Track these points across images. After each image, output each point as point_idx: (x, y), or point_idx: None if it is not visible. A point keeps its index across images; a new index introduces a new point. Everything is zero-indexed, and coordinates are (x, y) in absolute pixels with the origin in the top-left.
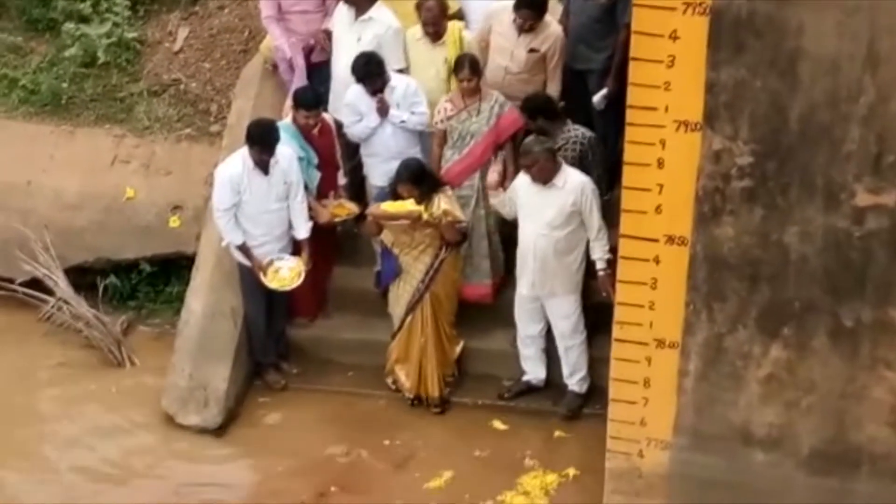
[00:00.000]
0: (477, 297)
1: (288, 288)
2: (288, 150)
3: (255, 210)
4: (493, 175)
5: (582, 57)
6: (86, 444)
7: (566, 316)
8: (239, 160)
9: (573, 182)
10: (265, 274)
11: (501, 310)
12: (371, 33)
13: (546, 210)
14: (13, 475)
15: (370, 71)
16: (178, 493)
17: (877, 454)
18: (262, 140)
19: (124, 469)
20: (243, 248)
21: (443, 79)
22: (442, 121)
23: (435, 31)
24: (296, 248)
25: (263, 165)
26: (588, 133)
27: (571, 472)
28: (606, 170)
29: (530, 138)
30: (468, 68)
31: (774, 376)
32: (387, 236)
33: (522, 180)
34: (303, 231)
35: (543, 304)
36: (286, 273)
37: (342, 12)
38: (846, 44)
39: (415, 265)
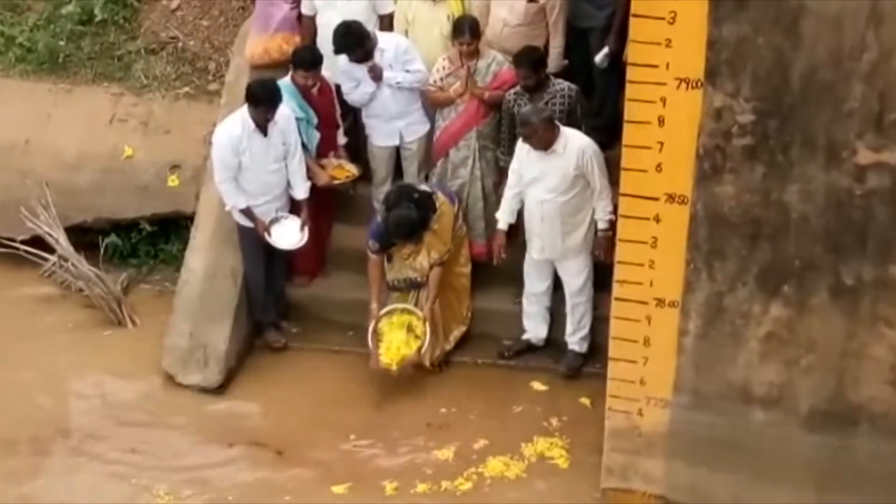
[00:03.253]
0: (473, 255)
1: (294, 246)
2: (285, 110)
3: (254, 171)
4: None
5: (584, 14)
6: (87, 402)
7: (576, 274)
8: (238, 121)
9: (573, 145)
10: (269, 234)
11: (502, 270)
12: None
13: (549, 176)
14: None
15: (348, 42)
16: (179, 451)
17: (876, 412)
18: (265, 99)
19: (125, 427)
20: (246, 211)
21: (446, 36)
22: (441, 78)
23: None
24: (294, 207)
25: (263, 126)
26: (573, 86)
27: (562, 461)
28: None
29: (528, 108)
30: (469, 33)
31: (774, 335)
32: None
33: (523, 148)
34: (301, 191)
35: (554, 263)
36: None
37: None
38: (850, 0)
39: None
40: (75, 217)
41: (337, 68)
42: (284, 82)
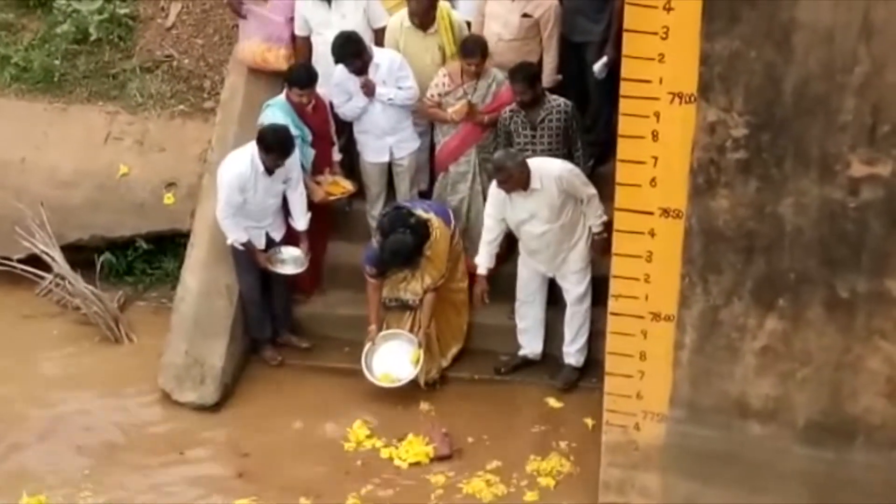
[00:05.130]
0: (473, 270)
1: (292, 273)
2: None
3: (254, 207)
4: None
5: (580, 29)
6: (84, 420)
7: (578, 283)
8: (247, 161)
9: (549, 176)
10: (271, 265)
11: (498, 285)
12: (352, 4)
13: (540, 212)
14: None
15: (348, 52)
16: (174, 469)
17: (872, 425)
18: (278, 148)
19: (122, 445)
20: (247, 246)
21: (438, 64)
22: (440, 94)
23: (422, 22)
24: (290, 233)
25: (272, 170)
26: (568, 102)
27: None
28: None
29: (501, 153)
30: (479, 56)
31: (770, 348)
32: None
33: (500, 194)
34: (302, 223)
35: (555, 272)
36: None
37: None
38: (841, 13)
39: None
40: (71, 235)
41: (330, 82)
42: (279, 100)
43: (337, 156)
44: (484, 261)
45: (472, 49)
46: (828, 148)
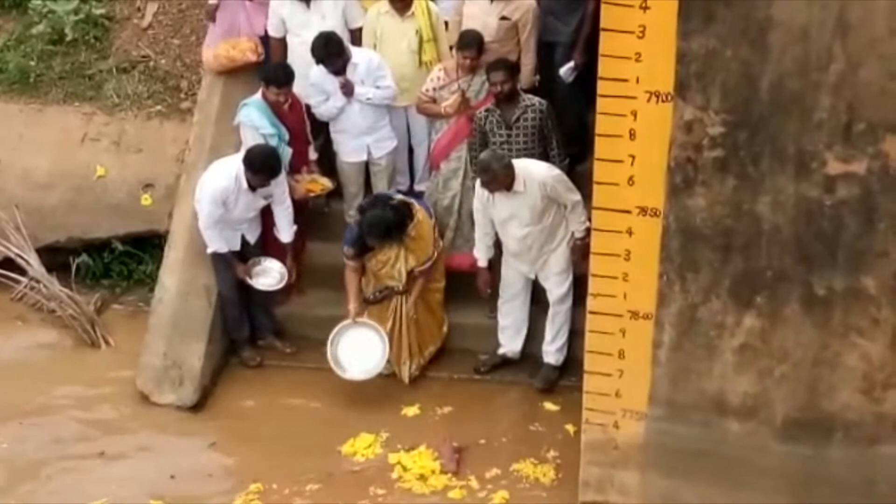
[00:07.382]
0: (466, 266)
1: (273, 288)
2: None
3: (234, 218)
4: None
5: (551, 29)
6: (61, 424)
7: (559, 284)
8: (232, 176)
9: (533, 180)
10: (250, 277)
11: (476, 284)
12: (331, 4)
13: (520, 213)
14: None
15: (330, 51)
16: (154, 471)
17: (850, 421)
18: (265, 170)
19: (100, 449)
20: (227, 258)
21: (413, 50)
22: (435, 89)
23: (403, 3)
24: (265, 236)
25: (255, 188)
26: (543, 101)
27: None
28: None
29: (487, 153)
30: (476, 48)
31: (748, 345)
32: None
33: (484, 193)
34: (287, 235)
35: (537, 273)
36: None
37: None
38: (816, 11)
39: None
40: (47, 237)
41: (307, 82)
42: (255, 99)
43: (313, 155)
44: (483, 253)
45: (469, 42)
46: (804, 146)
